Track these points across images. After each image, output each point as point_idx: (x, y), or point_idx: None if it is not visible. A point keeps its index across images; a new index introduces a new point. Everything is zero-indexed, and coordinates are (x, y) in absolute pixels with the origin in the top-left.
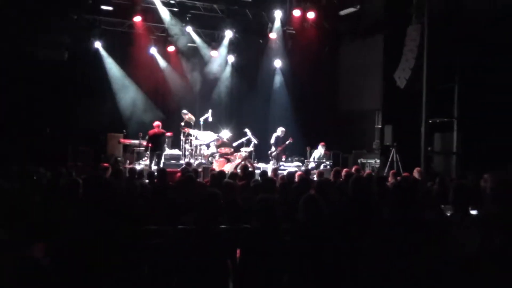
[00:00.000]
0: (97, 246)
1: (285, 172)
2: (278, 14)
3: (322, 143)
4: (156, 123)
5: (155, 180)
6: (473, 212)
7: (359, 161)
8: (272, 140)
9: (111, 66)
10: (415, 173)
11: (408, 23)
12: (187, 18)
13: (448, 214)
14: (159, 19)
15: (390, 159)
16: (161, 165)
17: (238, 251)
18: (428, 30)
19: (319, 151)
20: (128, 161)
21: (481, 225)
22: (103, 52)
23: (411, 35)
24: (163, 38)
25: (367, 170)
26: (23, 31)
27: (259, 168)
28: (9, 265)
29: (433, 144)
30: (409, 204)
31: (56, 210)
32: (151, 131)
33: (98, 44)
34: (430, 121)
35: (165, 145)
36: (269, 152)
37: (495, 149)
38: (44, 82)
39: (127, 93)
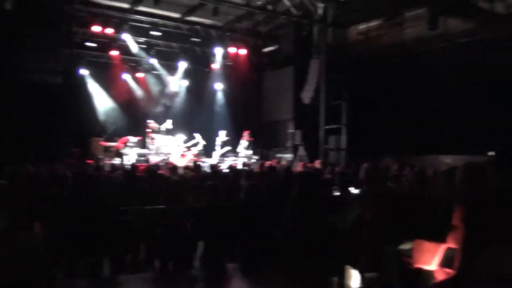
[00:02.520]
0: (82, 222)
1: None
2: (219, 50)
3: (246, 132)
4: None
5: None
6: (355, 191)
7: (277, 155)
8: (221, 147)
9: (94, 87)
10: (317, 164)
11: (311, 58)
12: (152, 53)
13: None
14: (130, 53)
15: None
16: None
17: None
18: (324, 63)
19: (244, 140)
20: (107, 159)
21: (359, 200)
22: (88, 77)
23: (313, 66)
24: (133, 66)
25: (283, 162)
26: (23, 62)
27: (204, 162)
28: (13, 242)
29: (328, 143)
30: (313, 185)
31: (50, 197)
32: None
33: (84, 71)
34: (326, 127)
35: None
36: (214, 151)
37: (370, 146)
38: (41, 100)
39: (106, 107)
